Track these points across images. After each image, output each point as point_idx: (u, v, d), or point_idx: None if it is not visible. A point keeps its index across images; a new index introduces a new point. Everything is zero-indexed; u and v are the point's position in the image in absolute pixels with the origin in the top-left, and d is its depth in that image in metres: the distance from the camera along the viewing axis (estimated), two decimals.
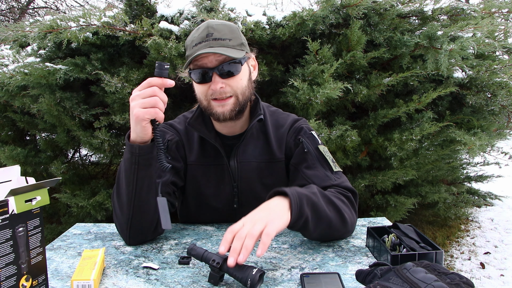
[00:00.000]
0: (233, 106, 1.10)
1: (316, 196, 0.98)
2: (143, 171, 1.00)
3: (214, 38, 1.05)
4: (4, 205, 0.69)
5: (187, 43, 1.11)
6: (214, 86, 1.06)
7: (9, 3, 10.24)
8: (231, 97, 1.09)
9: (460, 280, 0.64)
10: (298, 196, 0.93)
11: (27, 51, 2.79)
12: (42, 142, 2.91)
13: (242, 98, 1.11)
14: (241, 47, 1.09)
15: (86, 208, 2.56)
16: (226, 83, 1.07)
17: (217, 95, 1.08)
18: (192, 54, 1.05)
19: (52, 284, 0.85)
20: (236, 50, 1.07)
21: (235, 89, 1.09)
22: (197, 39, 1.06)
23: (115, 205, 1.06)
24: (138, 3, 2.59)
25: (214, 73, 1.06)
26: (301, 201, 0.93)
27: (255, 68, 1.20)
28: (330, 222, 1.00)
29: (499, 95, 2.67)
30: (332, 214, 1.00)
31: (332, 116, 2.60)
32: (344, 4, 2.41)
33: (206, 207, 1.26)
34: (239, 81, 1.09)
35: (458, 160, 3.29)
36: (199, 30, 1.08)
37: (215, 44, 1.04)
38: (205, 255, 0.85)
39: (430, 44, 2.33)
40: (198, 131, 1.19)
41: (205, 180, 1.23)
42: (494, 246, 3.24)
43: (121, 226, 1.07)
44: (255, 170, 1.21)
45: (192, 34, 1.10)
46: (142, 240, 1.10)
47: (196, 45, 1.06)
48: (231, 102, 1.10)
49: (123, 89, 2.34)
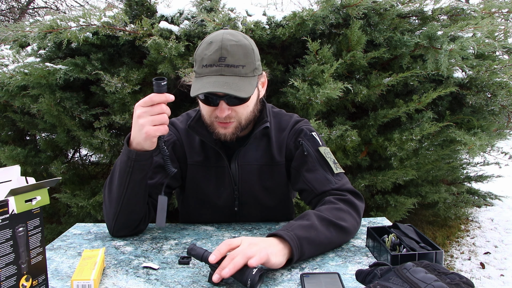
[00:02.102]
0: (235, 130, 1.10)
1: (313, 228, 0.96)
2: (137, 175, 1.04)
3: (226, 65, 0.99)
4: (4, 205, 0.69)
5: (196, 57, 1.05)
6: (220, 113, 1.04)
7: (9, 3, 10.24)
8: (234, 122, 1.09)
9: (460, 280, 0.64)
10: (298, 240, 0.91)
11: (27, 51, 2.79)
12: (42, 142, 2.91)
13: (245, 122, 1.11)
14: (253, 73, 1.04)
15: (86, 208, 2.56)
16: (233, 109, 1.06)
17: (221, 120, 1.07)
18: (202, 74, 1.01)
19: (52, 284, 0.85)
20: (248, 79, 1.02)
21: (239, 116, 1.09)
22: (207, 59, 1.00)
23: (105, 196, 1.11)
24: (138, 3, 2.59)
25: (221, 101, 1.03)
26: (302, 245, 0.91)
27: (264, 86, 1.18)
28: (333, 242, 1.01)
29: (499, 95, 2.67)
30: (333, 234, 1.00)
31: (332, 116, 2.60)
32: (344, 4, 2.41)
33: (206, 209, 1.25)
34: (246, 108, 1.09)
35: (458, 160, 3.29)
36: (211, 46, 1.01)
37: (227, 72, 0.99)
38: (205, 255, 0.85)
39: (430, 44, 2.33)
40: (199, 134, 1.18)
41: (205, 182, 1.23)
42: (494, 246, 3.24)
43: (107, 216, 1.12)
44: (256, 173, 1.21)
45: (202, 49, 1.03)
46: (125, 234, 1.14)
47: (207, 66, 1.00)
48: (233, 126, 1.09)
49: (123, 89, 2.34)
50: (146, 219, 1.16)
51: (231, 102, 1.04)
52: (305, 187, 1.16)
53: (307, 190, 1.16)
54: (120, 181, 1.04)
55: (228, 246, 0.85)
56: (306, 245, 0.92)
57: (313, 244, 0.94)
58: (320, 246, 0.97)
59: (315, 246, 0.95)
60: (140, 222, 1.14)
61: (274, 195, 1.24)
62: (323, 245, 0.98)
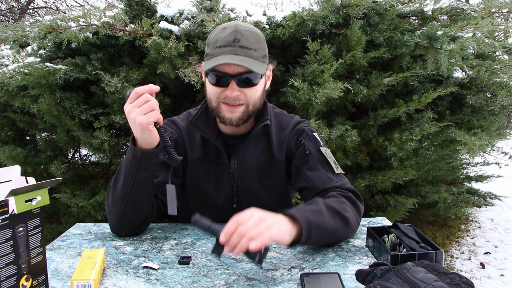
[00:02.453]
0: (242, 114, 1.10)
1: (322, 214, 0.97)
2: (142, 174, 1.03)
3: (240, 46, 1.03)
4: (4, 205, 0.69)
5: (210, 40, 1.08)
6: (230, 93, 1.05)
7: (9, 3, 10.24)
8: (242, 105, 1.09)
9: (460, 280, 0.64)
10: (308, 222, 0.91)
11: (27, 51, 2.79)
12: (42, 142, 2.91)
13: (253, 108, 1.12)
14: (264, 59, 1.08)
15: (86, 208, 2.56)
16: (242, 91, 1.07)
17: (230, 101, 1.07)
18: (215, 55, 1.04)
19: (52, 284, 0.85)
20: (260, 62, 1.06)
21: (248, 99, 1.09)
22: (222, 41, 1.04)
23: (109, 196, 1.11)
24: (138, 3, 2.59)
25: (232, 80, 1.05)
26: (310, 228, 0.92)
27: (269, 78, 1.20)
28: (338, 232, 1.02)
29: (499, 95, 2.67)
30: (338, 224, 1.00)
31: (332, 116, 2.60)
32: (344, 4, 2.41)
33: (206, 206, 1.26)
34: (255, 92, 1.09)
35: (458, 160, 3.29)
36: (225, 30, 1.05)
37: (241, 52, 1.03)
38: (212, 228, 0.85)
39: (430, 44, 2.33)
40: (200, 130, 1.19)
41: (205, 179, 1.23)
42: (494, 246, 3.24)
43: (110, 215, 1.11)
44: (255, 171, 1.21)
45: (216, 33, 1.07)
46: (127, 233, 1.14)
47: (221, 47, 1.03)
48: (241, 110, 1.10)
49: (123, 89, 2.34)
50: (149, 219, 1.16)
51: (242, 83, 1.06)
52: (306, 185, 1.17)
53: (308, 188, 1.17)
54: (125, 180, 1.04)
55: (237, 224, 0.84)
56: (314, 230, 0.92)
57: (320, 230, 0.95)
58: (325, 233, 0.97)
59: (322, 232, 0.95)
60: (143, 222, 1.14)
61: (273, 193, 1.24)
62: (328, 233, 0.98)
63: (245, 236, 0.80)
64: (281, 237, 0.85)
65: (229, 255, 1.00)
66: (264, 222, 0.84)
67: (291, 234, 0.88)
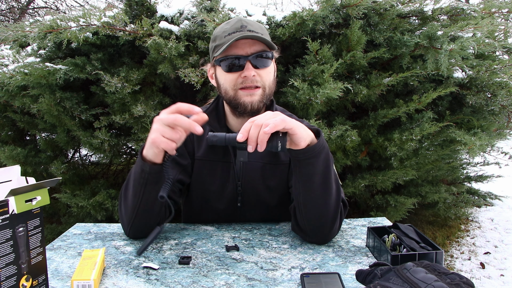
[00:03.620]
0: (261, 98, 1.12)
1: (331, 168, 1.01)
2: (151, 186, 1.01)
3: (248, 30, 1.07)
4: (4, 205, 0.68)
5: (217, 34, 1.12)
6: (247, 72, 1.07)
7: (9, 3, 10.24)
8: (259, 88, 1.11)
9: (460, 280, 0.64)
10: (324, 148, 0.97)
11: (27, 51, 2.79)
12: (42, 142, 2.91)
13: (269, 91, 1.14)
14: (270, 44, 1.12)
15: (86, 208, 2.56)
16: (258, 73, 1.09)
17: (248, 83, 1.09)
18: (226, 42, 1.06)
19: (52, 284, 0.85)
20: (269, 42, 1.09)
21: (264, 81, 1.11)
22: (230, 29, 1.08)
23: (121, 202, 1.10)
24: (138, 3, 2.59)
25: (248, 61, 1.07)
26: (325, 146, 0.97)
27: (275, 71, 1.23)
28: (328, 194, 1.01)
29: (499, 95, 2.67)
30: (334, 190, 1.02)
31: (332, 116, 2.60)
32: (344, 4, 2.41)
33: (210, 205, 1.26)
34: (269, 74, 1.12)
35: (458, 160, 3.29)
36: (230, 23, 1.10)
37: (250, 35, 1.06)
38: (228, 137, 0.87)
39: (430, 44, 2.33)
40: (210, 124, 1.20)
41: (210, 177, 1.23)
42: (494, 246, 3.24)
43: (123, 221, 1.11)
44: (259, 171, 1.21)
45: (221, 26, 1.11)
46: (141, 236, 1.13)
47: (230, 34, 1.07)
48: (259, 93, 1.11)
49: (123, 89, 2.34)
50: (162, 221, 1.14)
51: (257, 63, 1.08)
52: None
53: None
54: (134, 191, 1.03)
55: (252, 121, 0.86)
56: (323, 155, 0.96)
57: (328, 167, 0.98)
58: (326, 179, 0.99)
59: (326, 173, 0.98)
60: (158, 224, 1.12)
61: (276, 194, 1.24)
62: (327, 183, 0.99)
63: (263, 125, 0.83)
64: (297, 127, 0.88)
65: (230, 256, 1.00)
66: (278, 115, 0.87)
67: (309, 134, 0.93)
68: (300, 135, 0.89)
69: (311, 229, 1.05)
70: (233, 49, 1.07)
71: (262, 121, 0.84)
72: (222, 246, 1.06)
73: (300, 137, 0.89)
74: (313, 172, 0.97)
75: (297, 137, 0.89)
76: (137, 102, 2.39)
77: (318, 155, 0.95)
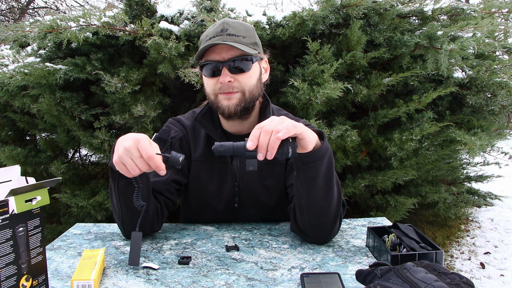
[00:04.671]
0: (239, 101, 1.11)
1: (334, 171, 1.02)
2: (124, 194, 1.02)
3: (228, 34, 1.07)
4: (4, 205, 0.68)
5: (202, 37, 1.14)
6: (222, 79, 1.08)
7: (9, 3, 10.24)
8: (237, 92, 1.11)
9: (460, 280, 0.64)
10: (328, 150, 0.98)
11: (27, 51, 2.79)
12: (42, 142, 2.91)
13: (249, 95, 1.12)
14: (254, 46, 1.11)
15: (86, 208, 2.56)
16: (235, 78, 1.09)
17: (225, 89, 1.09)
18: (206, 47, 1.08)
19: (52, 284, 0.85)
20: (249, 47, 1.09)
21: (243, 85, 1.11)
22: (212, 33, 1.09)
23: (111, 203, 1.11)
24: (138, 3, 2.59)
25: (224, 66, 1.07)
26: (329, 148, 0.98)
27: (267, 71, 1.22)
28: (330, 197, 1.01)
29: (499, 95, 2.66)
30: (336, 192, 1.02)
31: (332, 116, 2.60)
32: (344, 4, 2.41)
33: (207, 206, 1.26)
34: (248, 78, 1.11)
35: (458, 160, 3.28)
36: (215, 26, 1.11)
37: (229, 39, 1.07)
38: (235, 146, 0.85)
39: (430, 44, 2.33)
40: (204, 127, 1.21)
41: (208, 177, 1.23)
42: (494, 246, 3.24)
43: (117, 222, 1.13)
44: (256, 171, 1.21)
45: (207, 30, 1.13)
46: None
47: (210, 39, 1.08)
48: (237, 97, 1.11)
49: (123, 89, 2.34)
50: (159, 219, 1.15)
51: (234, 69, 1.08)
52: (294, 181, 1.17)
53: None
54: (116, 198, 1.04)
55: (261, 128, 0.85)
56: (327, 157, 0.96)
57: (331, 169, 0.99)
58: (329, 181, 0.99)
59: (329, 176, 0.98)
60: (153, 224, 1.13)
61: (273, 194, 1.24)
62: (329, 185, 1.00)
63: (273, 132, 0.83)
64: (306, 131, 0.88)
65: (230, 256, 1.00)
66: (285, 119, 0.87)
67: (315, 136, 0.93)
68: (308, 139, 0.89)
69: (311, 230, 1.05)
70: (211, 54, 1.08)
71: (272, 127, 0.83)
72: (222, 246, 1.06)
73: (309, 141, 0.89)
74: (317, 174, 0.97)
75: (306, 142, 0.89)
76: (137, 102, 2.39)
77: (323, 157, 0.95)
